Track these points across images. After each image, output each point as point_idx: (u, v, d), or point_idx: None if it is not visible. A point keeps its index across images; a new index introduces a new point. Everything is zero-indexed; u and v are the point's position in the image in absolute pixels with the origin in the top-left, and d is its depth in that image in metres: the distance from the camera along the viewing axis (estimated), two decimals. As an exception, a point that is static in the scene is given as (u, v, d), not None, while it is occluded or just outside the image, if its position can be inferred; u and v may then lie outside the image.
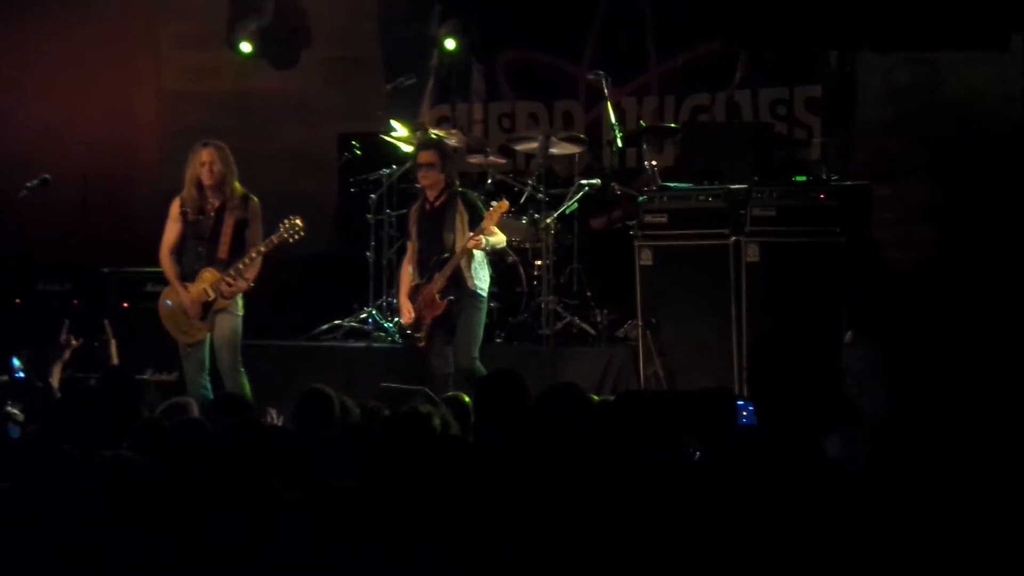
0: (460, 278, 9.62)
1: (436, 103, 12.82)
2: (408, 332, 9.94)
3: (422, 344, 9.77)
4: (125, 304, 11.37)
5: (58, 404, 7.66)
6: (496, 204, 9.70)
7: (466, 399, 7.18)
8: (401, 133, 11.33)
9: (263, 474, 5.15)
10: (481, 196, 10.10)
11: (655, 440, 5.31)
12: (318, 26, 13.00)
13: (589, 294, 10.89)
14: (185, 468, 5.44)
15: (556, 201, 10.76)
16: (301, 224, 9.38)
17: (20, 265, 11.91)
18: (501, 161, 11.42)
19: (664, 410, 5.56)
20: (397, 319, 10.34)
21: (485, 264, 9.78)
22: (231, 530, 4.66)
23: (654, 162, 10.74)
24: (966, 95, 11.05)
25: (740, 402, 6.40)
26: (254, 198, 9.49)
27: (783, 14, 11.11)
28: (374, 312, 11.10)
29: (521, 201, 10.95)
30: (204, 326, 9.41)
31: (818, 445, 4.80)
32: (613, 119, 11.12)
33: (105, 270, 11.65)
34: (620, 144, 11.19)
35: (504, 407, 6.24)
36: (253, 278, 9.42)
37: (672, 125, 11.50)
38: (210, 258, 9.39)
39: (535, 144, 10.94)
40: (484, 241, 9.58)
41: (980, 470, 4.54)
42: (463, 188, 9.94)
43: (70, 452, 5.33)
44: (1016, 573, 4.23)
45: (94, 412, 6.54)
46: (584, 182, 10.80)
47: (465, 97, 12.76)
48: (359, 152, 11.93)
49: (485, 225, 9.55)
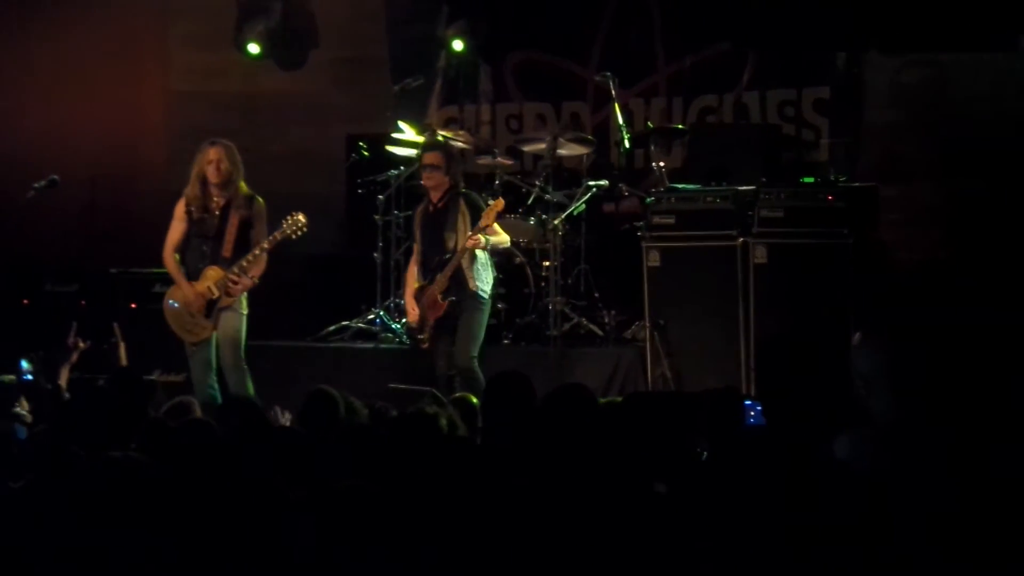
0: (462, 279, 9.61)
1: (444, 104, 12.82)
2: (413, 333, 9.94)
3: (426, 345, 9.77)
4: (133, 305, 11.37)
5: (66, 405, 7.67)
6: (492, 203, 9.64)
7: (473, 400, 7.17)
8: (410, 135, 11.33)
9: (269, 475, 5.15)
10: (486, 196, 10.08)
11: (663, 441, 5.30)
12: (326, 27, 13.00)
13: (597, 295, 10.89)
14: (191, 469, 5.44)
15: (563, 202, 10.76)
16: (304, 220, 9.38)
17: (28, 266, 11.93)
18: (508, 162, 11.42)
19: (672, 411, 5.55)
20: (404, 320, 10.34)
21: (489, 266, 9.76)
22: (237, 531, 4.66)
23: (662, 163, 10.75)
24: (974, 96, 11.05)
25: (748, 402, 6.39)
26: (259, 198, 9.50)
27: (791, 15, 11.09)
28: (382, 313, 11.10)
29: (529, 202, 10.95)
30: (209, 324, 9.41)
31: (826, 446, 4.79)
32: (621, 120, 11.12)
33: (113, 271, 11.66)
34: (628, 145, 11.20)
35: (511, 408, 6.24)
36: (258, 276, 9.42)
37: (680, 126, 11.49)
38: (214, 256, 9.39)
39: (543, 145, 10.94)
40: (483, 241, 9.57)
41: (987, 471, 4.54)
42: (466, 189, 9.93)
43: (77, 453, 5.34)
44: (1020, 574, 4.23)
45: (102, 413, 6.55)
46: (592, 183, 10.80)
47: (473, 98, 12.76)
48: (366, 153, 11.94)
49: (482, 224, 9.52)
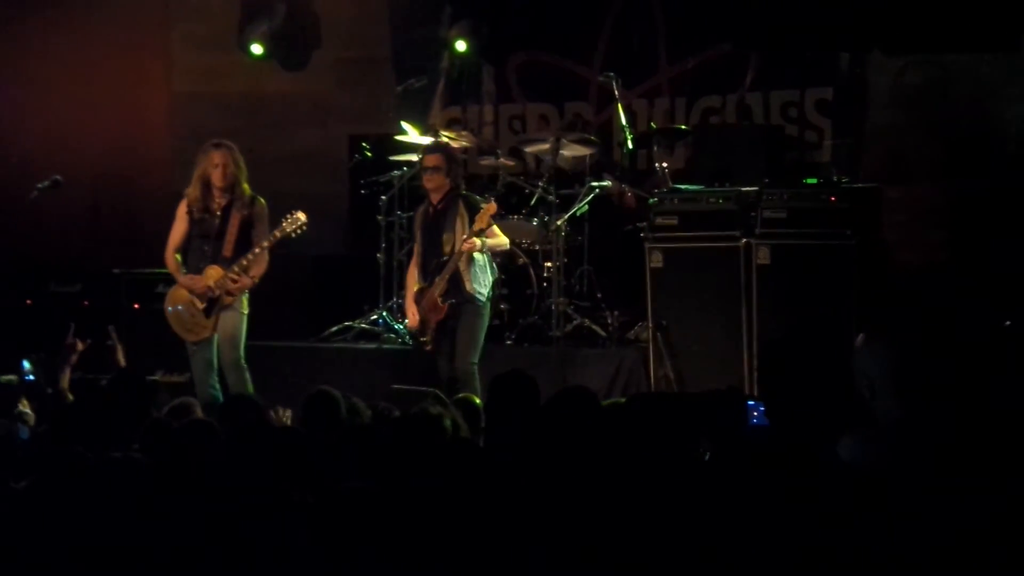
0: (459, 281, 9.57)
1: (447, 105, 12.82)
2: (416, 335, 9.93)
3: (429, 348, 9.76)
4: (136, 305, 11.39)
5: (68, 405, 7.67)
6: (485, 206, 9.58)
7: (477, 401, 7.17)
8: (414, 136, 11.33)
9: (271, 475, 5.15)
10: (486, 198, 10.07)
11: (665, 442, 5.30)
12: (329, 28, 13.01)
13: (599, 296, 10.88)
14: (193, 469, 5.44)
15: (567, 203, 10.75)
16: (304, 219, 9.39)
17: (32, 266, 11.95)
18: (511, 163, 11.41)
19: (675, 412, 5.55)
20: (406, 321, 10.33)
21: (487, 269, 9.69)
22: (239, 531, 4.66)
23: (665, 164, 10.74)
24: (977, 97, 11.04)
25: (751, 403, 6.38)
26: (261, 199, 9.51)
27: (794, 16, 11.08)
28: (385, 314, 11.10)
29: (532, 203, 10.94)
30: (209, 323, 9.42)
31: (829, 447, 4.79)
32: (624, 121, 11.13)
33: (116, 271, 11.68)
34: (631, 146, 11.20)
35: (515, 409, 6.23)
36: (258, 276, 9.42)
37: (683, 127, 11.47)
38: (215, 256, 9.40)
39: (546, 146, 10.93)
40: (479, 244, 9.54)
41: (989, 471, 4.53)
42: (467, 192, 9.91)
43: (80, 453, 5.34)
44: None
45: (104, 413, 6.56)
46: (595, 184, 10.79)
47: (476, 99, 12.76)
48: (370, 154, 11.94)
49: (476, 227, 9.49)
